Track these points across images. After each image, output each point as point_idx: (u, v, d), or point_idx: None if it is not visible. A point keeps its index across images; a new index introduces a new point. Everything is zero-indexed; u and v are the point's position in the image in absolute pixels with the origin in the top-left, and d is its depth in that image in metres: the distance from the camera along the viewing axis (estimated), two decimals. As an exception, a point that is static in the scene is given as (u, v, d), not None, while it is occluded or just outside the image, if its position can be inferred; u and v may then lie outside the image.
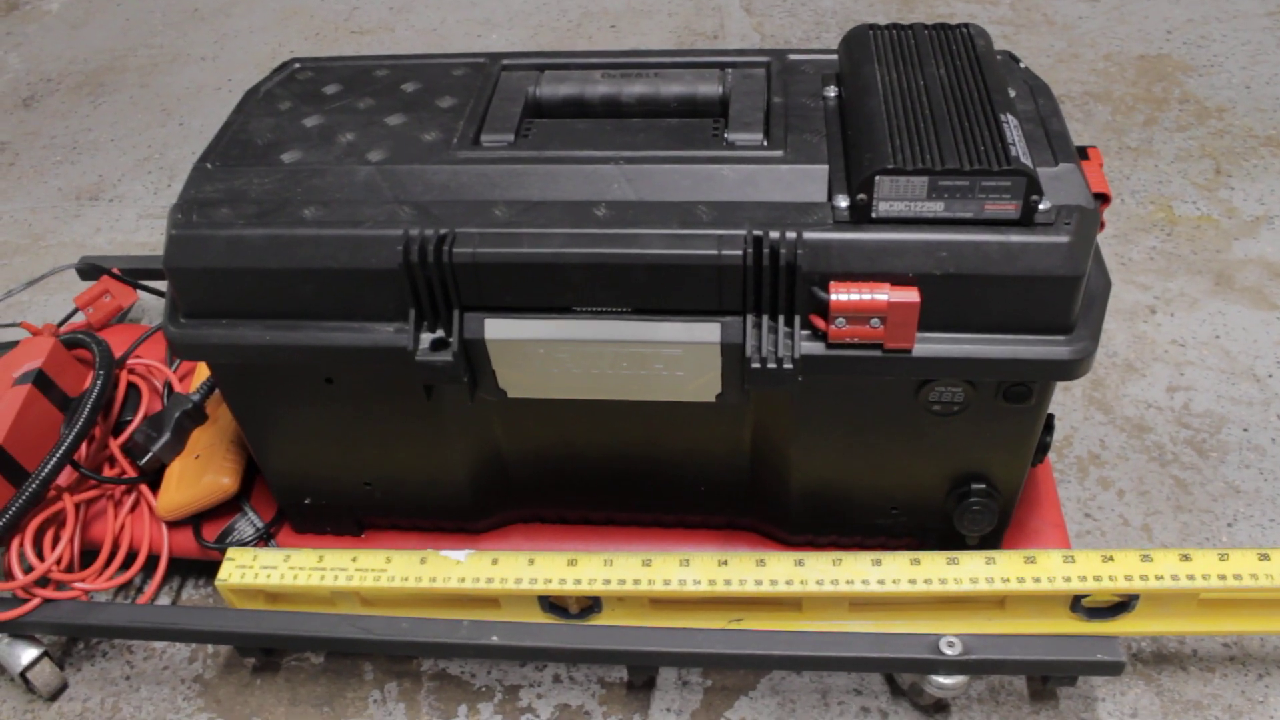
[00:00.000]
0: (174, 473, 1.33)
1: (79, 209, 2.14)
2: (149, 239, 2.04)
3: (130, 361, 1.46)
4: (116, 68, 2.62)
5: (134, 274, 1.65)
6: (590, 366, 1.04)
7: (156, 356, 1.49)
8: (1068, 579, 1.13)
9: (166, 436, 1.33)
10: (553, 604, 1.20)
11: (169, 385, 1.44)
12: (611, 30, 2.55)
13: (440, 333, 1.03)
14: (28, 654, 1.26)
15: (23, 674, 1.26)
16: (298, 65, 1.26)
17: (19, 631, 1.25)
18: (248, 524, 1.32)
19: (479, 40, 2.57)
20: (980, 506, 1.14)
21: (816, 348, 1.00)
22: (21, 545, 1.25)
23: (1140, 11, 2.45)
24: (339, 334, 1.05)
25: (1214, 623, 1.18)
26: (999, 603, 1.17)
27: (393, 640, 1.17)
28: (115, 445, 1.36)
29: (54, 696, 1.31)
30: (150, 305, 1.81)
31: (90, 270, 1.67)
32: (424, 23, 2.67)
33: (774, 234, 0.97)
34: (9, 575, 1.24)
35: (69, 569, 1.27)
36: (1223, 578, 1.12)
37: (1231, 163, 1.98)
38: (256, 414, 1.18)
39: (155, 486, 1.34)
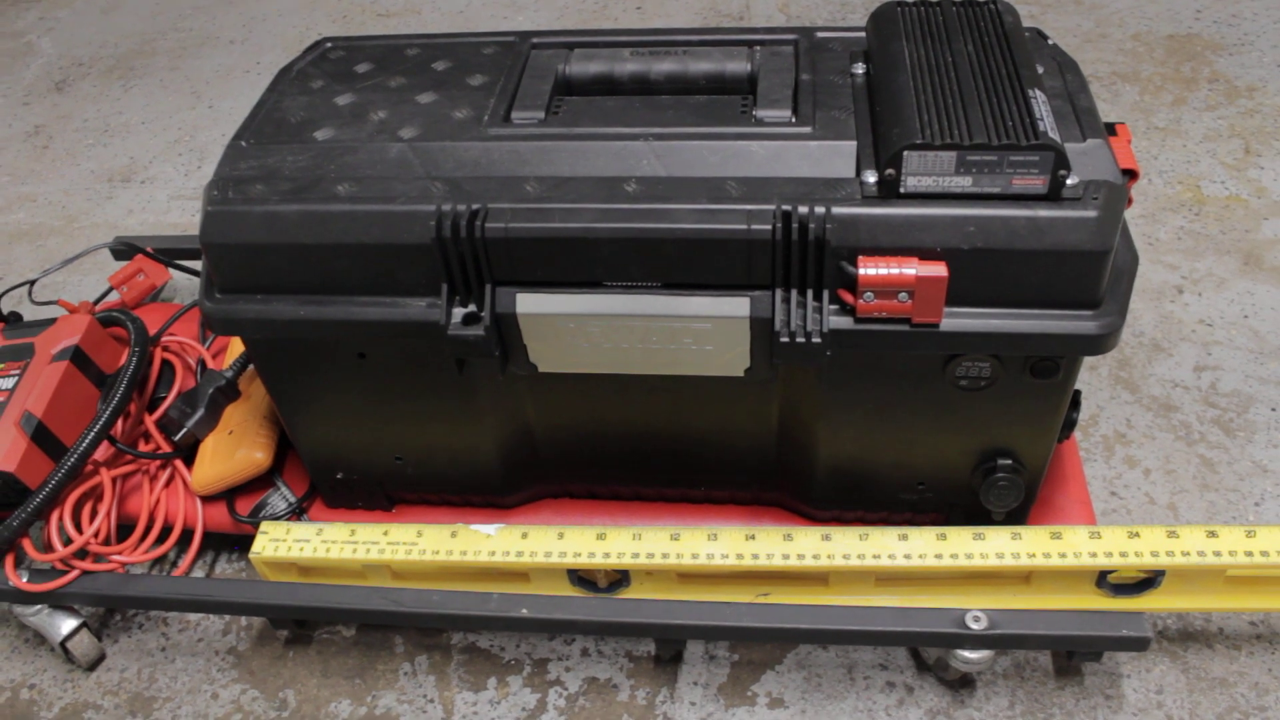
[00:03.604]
0: (208, 448, 1.35)
1: (111, 191, 2.17)
2: (180, 219, 2.06)
3: (164, 339, 1.48)
4: (146, 51, 2.64)
5: (167, 253, 1.67)
6: (620, 341, 1.06)
7: (190, 334, 1.51)
8: (1093, 554, 1.13)
9: (200, 412, 1.35)
10: (581, 578, 1.22)
11: (202, 362, 1.45)
12: (637, 12, 2.56)
13: (472, 307, 1.05)
14: (67, 624, 1.29)
15: (63, 644, 1.29)
16: (329, 44, 1.28)
17: (59, 602, 1.27)
18: (280, 498, 1.34)
19: (505, 22, 2.59)
20: (1006, 482, 1.15)
21: (845, 322, 1.00)
22: (60, 518, 1.27)
23: (1169, -9, 2.44)
24: (372, 309, 1.07)
25: (1241, 600, 1.18)
26: (1025, 578, 1.18)
27: (423, 613, 1.19)
28: (150, 421, 1.38)
29: (92, 666, 1.33)
30: (182, 284, 1.83)
31: (124, 250, 1.69)
32: (450, 5, 2.68)
33: (803, 209, 0.97)
34: (49, 547, 1.26)
35: (106, 542, 1.29)
36: (1250, 554, 1.12)
37: (1261, 142, 1.97)
38: (290, 389, 1.20)
39: (190, 462, 1.36)
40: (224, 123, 2.34)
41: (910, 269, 0.96)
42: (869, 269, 0.96)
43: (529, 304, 1.04)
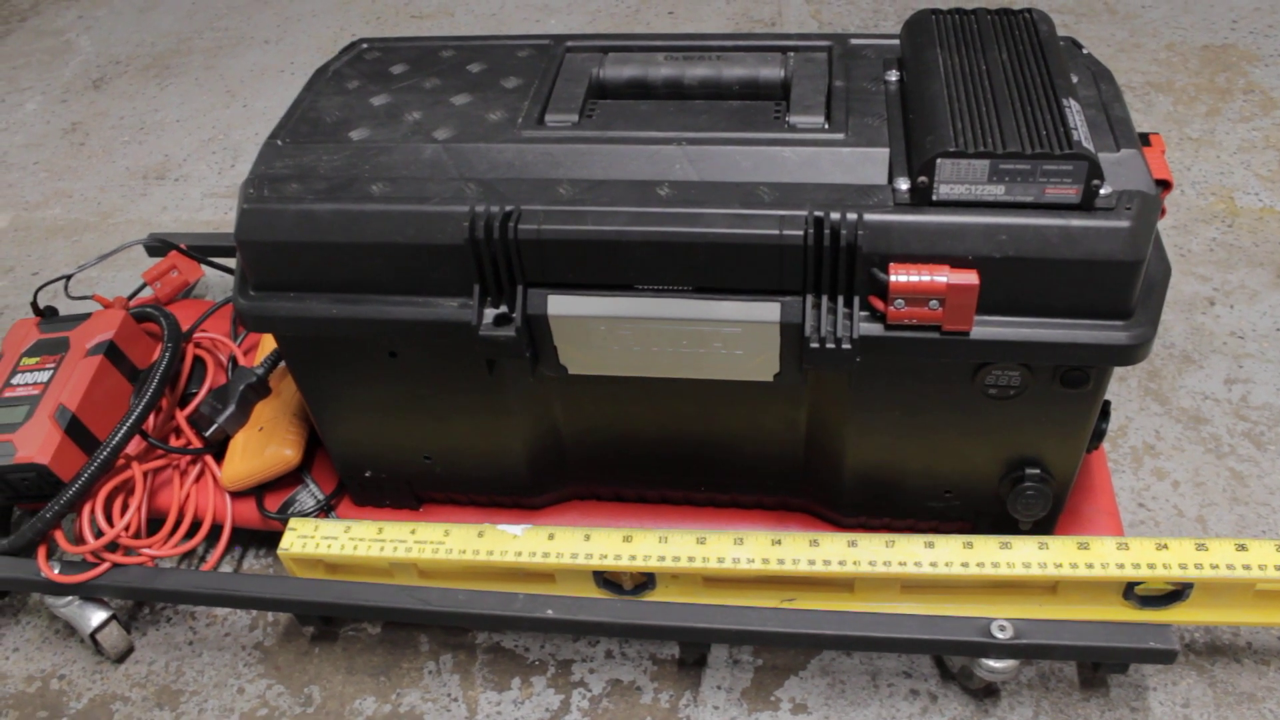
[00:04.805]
0: (238, 444, 1.36)
1: (146, 188, 2.19)
2: (213, 217, 2.08)
3: (196, 335, 1.49)
4: (182, 50, 2.67)
5: (200, 250, 1.69)
6: (650, 344, 1.06)
7: (222, 331, 1.52)
8: (1121, 565, 1.13)
9: (231, 409, 1.36)
10: (607, 580, 1.22)
11: (234, 359, 1.47)
12: (669, 16, 2.56)
13: (504, 308, 1.05)
14: (97, 616, 1.30)
15: (92, 635, 1.30)
16: (365, 45, 1.29)
17: (89, 594, 1.29)
18: (309, 495, 1.35)
19: (537, 25, 2.59)
20: (1034, 491, 1.15)
21: (875, 329, 1.01)
22: (92, 511, 1.28)
23: (1205, 1, 2.42)
24: (404, 308, 1.07)
25: (1270, 615, 1.17)
26: (1051, 588, 1.17)
27: (449, 611, 1.19)
28: (181, 416, 1.39)
29: (121, 659, 1.35)
30: (215, 281, 1.84)
31: (158, 246, 1.71)
32: (483, 7, 2.69)
33: (835, 215, 0.98)
34: (80, 540, 1.28)
35: (137, 535, 1.31)
36: (1280, 568, 1.12)
37: (1296, 155, 1.96)
38: (320, 386, 1.21)
39: (220, 457, 1.37)
40: (257, 121, 2.36)
41: (941, 276, 0.96)
42: (900, 276, 0.96)
43: (560, 306, 1.04)
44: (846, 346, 1.00)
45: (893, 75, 1.14)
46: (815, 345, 1.01)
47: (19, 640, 1.39)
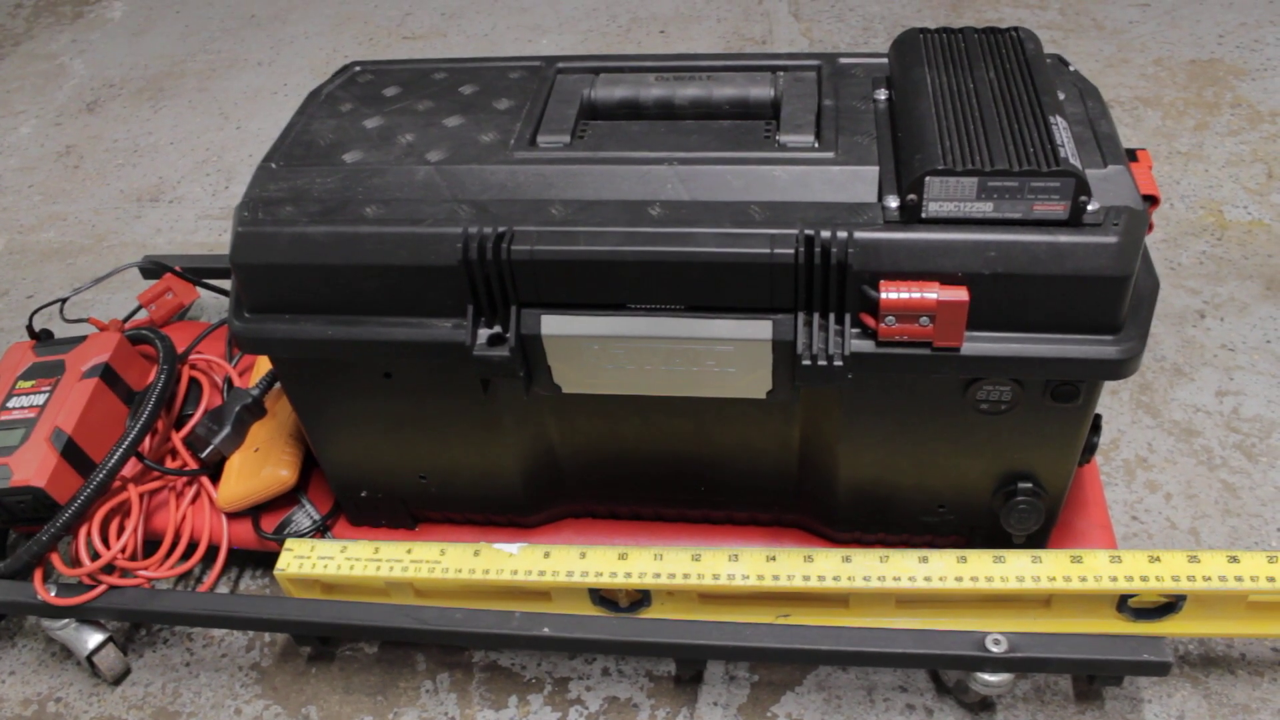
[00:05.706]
0: (234, 465, 1.36)
1: (140, 210, 2.20)
2: (207, 239, 2.09)
3: (192, 357, 1.50)
4: (176, 73, 2.67)
5: (195, 272, 1.69)
6: (643, 363, 1.07)
7: (217, 352, 1.53)
8: (1114, 579, 1.13)
9: (227, 430, 1.36)
10: (603, 597, 1.23)
11: (229, 380, 1.47)
12: (661, 35, 2.58)
13: (497, 328, 1.06)
14: (94, 639, 1.30)
15: (89, 658, 1.30)
16: (358, 68, 1.30)
17: (86, 617, 1.29)
18: (305, 516, 1.35)
19: (529, 45, 2.61)
20: (1027, 505, 1.15)
21: (866, 345, 1.01)
22: (89, 533, 1.29)
23: (1192, 16, 2.44)
24: (398, 329, 1.08)
25: (1263, 626, 1.18)
26: (1045, 602, 1.18)
27: (446, 630, 1.20)
28: (177, 438, 1.40)
29: (118, 681, 1.35)
30: (209, 303, 1.85)
31: (153, 269, 1.72)
32: (475, 28, 2.70)
33: (825, 233, 0.98)
34: (76, 562, 1.28)
35: (133, 557, 1.31)
36: (1271, 580, 1.12)
37: (1284, 168, 1.98)
38: (316, 407, 1.21)
39: (216, 479, 1.38)
40: (251, 143, 2.37)
41: (931, 293, 0.97)
42: (891, 293, 0.97)
43: (554, 325, 1.05)
44: (838, 363, 1.01)
45: (882, 94, 1.15)
46: (807, 362, 1.01)
47: (15, 663, 1.39)
